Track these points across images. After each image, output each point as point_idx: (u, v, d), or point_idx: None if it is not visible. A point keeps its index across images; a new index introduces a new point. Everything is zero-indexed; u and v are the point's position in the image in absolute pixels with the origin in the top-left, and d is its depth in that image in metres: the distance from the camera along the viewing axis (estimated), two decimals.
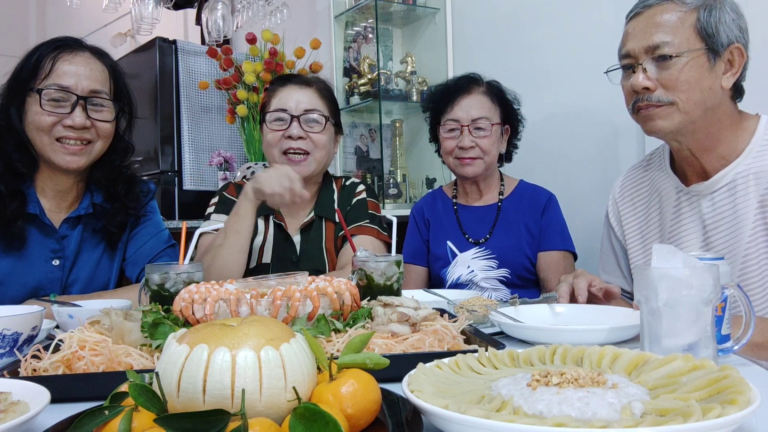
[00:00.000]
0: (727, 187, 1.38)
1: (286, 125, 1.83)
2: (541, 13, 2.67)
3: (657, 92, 1.34)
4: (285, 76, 1.97)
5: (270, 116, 1.85)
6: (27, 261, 1.58)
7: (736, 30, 1.33)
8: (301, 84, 1.88)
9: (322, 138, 1.85)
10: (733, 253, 1.35)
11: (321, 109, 1.86)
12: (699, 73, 1.32)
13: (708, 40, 1.32)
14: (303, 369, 0.62)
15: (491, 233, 2.05)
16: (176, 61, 3.46)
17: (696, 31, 1.32)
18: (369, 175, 3.30)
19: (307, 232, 1.89)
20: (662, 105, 1.35)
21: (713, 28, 1.31)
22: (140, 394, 0.58)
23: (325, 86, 1.93)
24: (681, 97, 1.33)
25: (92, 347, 0.91)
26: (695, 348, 0.85)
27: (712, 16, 1.31)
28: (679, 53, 1.31)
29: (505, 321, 1.18)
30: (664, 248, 0.92)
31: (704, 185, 1.41)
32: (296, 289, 1.01)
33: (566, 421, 0.56)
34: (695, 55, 1.32)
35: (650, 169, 1.59)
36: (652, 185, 1.56)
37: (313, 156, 1.84)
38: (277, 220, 1.88)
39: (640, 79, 1.34)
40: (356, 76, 3.29)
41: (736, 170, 1.37)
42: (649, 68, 1.34)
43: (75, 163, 1.57)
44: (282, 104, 1.84)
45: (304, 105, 1.84)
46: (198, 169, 3.52)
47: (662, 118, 1.36)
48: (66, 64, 1.55)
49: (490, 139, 2.00)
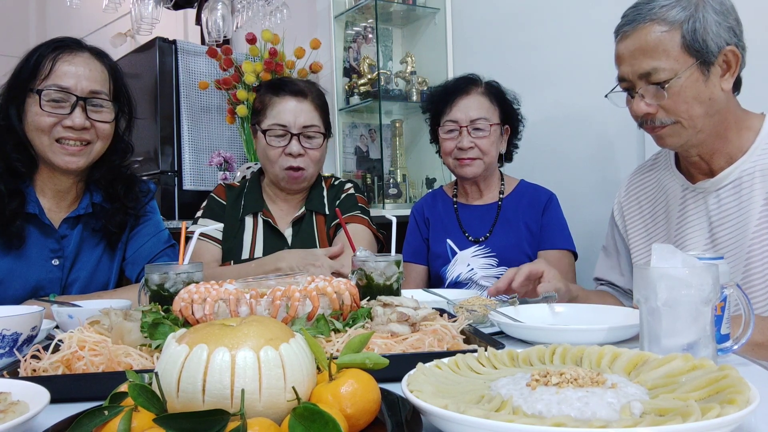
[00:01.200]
0: (732, 184, 1.38)
1: (285, 141, 1.87)
2: (541, 13, 2.66)
3: (659, 115, 1.35)
4: (279, 83, 1.97)
5: (270, 132, 1.88)
6: (27, 261, 1.58)
7: (724, 33, 1.31)
8: (297, 95, 1.90)
9: (318, 154, 1.92)
10: (738, 249, 1.36)
11: (318, 123, 1.91)
12: (696, 89, 1.31)
13: (697, 54, 1.30)
14: (302, 369, 0.62)
15: (491, 232, 2.05)
16: (176, 61, 3.46)
17: (684, 49, 1.30)
18: (369, 175, 3.30)
19: (297, 225, 1.95)
20: (667, 126, 1.35)
21: (700, 42, 1.29)
22: (140, 394, 0.58)
23: (319, 94, 1.96)
24: (683, 115, 1.33)
25: (92, 347, 0.91)
26: (694, 348, 0.85)
27: (696, 29, 1.29)
28: (672, 76, 1.30)
29: (504, 321, 1.18)
30: (663, 248, 0.92)
31: (710, 182, 1.41)
32: (296, 289, 1.01)
33: (565, 420, 0.56)
34: (689, 73, 1.30)
35: (656, 169, 1.60)
36: (659, 185, 1.57)
37: (308, 171, 1.91)
38: (266, 217, 1.94)
39: (641, 107, 1.35)
40: (356, 76, 3.29)
41: (741, 168, 1.38)
42: (646, 94, 1.34)
43: (74, 164, 1.57)
44: (280, 119, 1.87)
45: (302, 120, 1.88)
46: (198, 169, 3.52)
47: (671, 136, 1.37)
48: (66, 64, 1.55)
49: (489, 140, 2.00)
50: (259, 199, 1.99)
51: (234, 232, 1.94)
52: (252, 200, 1.98)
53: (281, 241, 1.92)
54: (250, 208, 1.96)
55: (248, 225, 1.95)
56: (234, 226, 1.95)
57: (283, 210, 1.99)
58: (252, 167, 3.08)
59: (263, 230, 1.94)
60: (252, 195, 1.99)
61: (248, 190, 2.01)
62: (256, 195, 2.00)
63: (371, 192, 3.23)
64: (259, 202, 1.98)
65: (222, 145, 3.57)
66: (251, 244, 1.92)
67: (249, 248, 1.91)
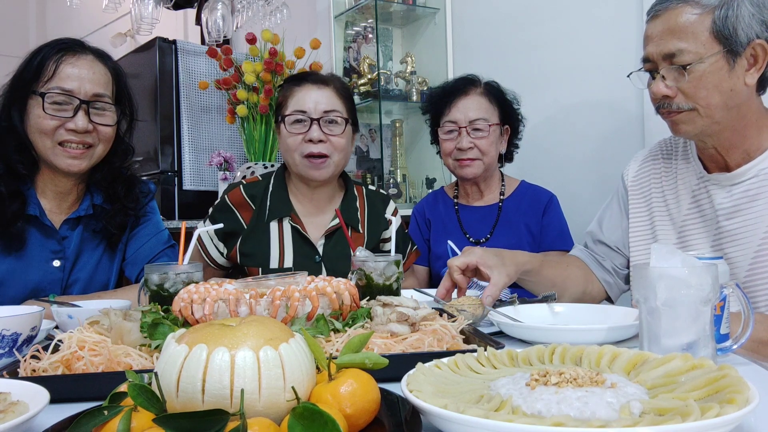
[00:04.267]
0: (748, 181, 1.37)
1: (305, 128, 1.77)
2: (541, 13, 2.67)
3: (677, 99, 1.34)
4: (300, 75, 1.91)
5: (288, 119, 1.79)
6: (27, 262, 1.58)
7: (756, 25, 1.29)
8: (318, 83, 1.82)
9: (342, 141, 1.80)
10: (745, 245, 1.34)
11: (340, 109, 1.80)
12: (718, 77, 1.30)
13: (725, 42, 1.28)
14: (302, 369, 0.62)
15: (492, 233, 2.06)
16: (176, 61, 3.46)
17: (713, 35, 1.28)
18: (369, 175, 3.30)
19: (330, 237, 1.83)
20: (683, 111, 1.34)
21: (731, 29, 1.27)
22: (139, 394, 0.58)
23: (342, 84, 1.87)
24: (701, 102, 1.32)
25: (91, 347, 0.91)
26: (694, 347, 0.85)
27: (728, 16, 1.27)
28: (696, 60, 1.29)
29: (504, 321, 1.18)
30: (663, 248, 0.92)
31: (725, 176, 1.40)
32: (295, 289, 1.01)
33: (565, 420, 0.56)
34: (713, 59, 1.29)
35: (672, 158, 1.56)
36: (673, 173, 1.54)
37: (332, 159, 1.79)
38: (294, 223, 1.81)
39: (660, 88, 1.34)
40: (356, 76, 3.29)
41: (759, 166, 1.36)
42: (667, 76, 1.33)
43: (76, 167, 1.57)
44: (300, 105, 1.78)
45: (323, 106, 1.78)
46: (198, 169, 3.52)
47: (685, 123, 1.36)
48: (69, 66, 1.54)
49: (488, 140, 2.00)
50: (286, 200, 1.83)
51: (259, 236, 1.80)
52: (278, 201, 1.83)
53: (312, 250, 1.81)
54: (276, 212, 1.80)
55: (273, 230, 1.81)
56: (258, 227, 1.81)
57: (313, 214, 1.86)
58: (252, 167, 3.08)
59: (292, 237, 1.81)
60: (278, 195, 1.84)
61: (274, 188, 1.86)
62: (283, 195, 1.84)
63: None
64: (286, 205, 1.82)
65: (222, 145, 3.57)
66: (279, 251, 1.79)
67: (278, 256, 1.79)
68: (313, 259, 1.80)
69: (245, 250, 1.81)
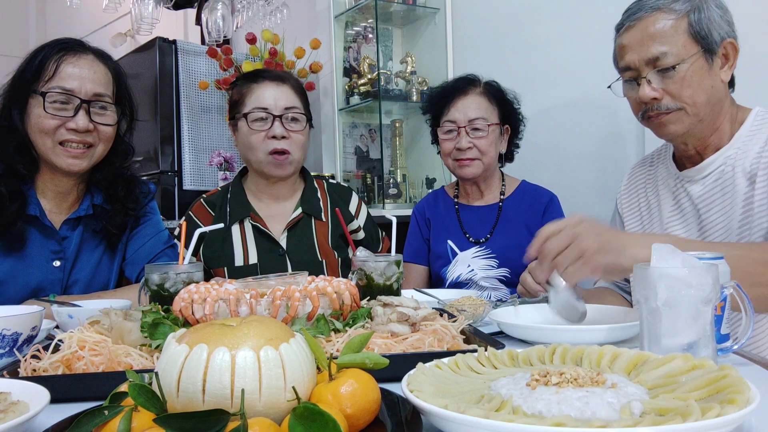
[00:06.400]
0: (718, 170, 1.43)
1: (267, 125, 1.80)
2: (541, 13, 2.67)
3: (664, 100, 1.40)
4: (255, 72, 1.93)
5: (251, 116, 1.81)
6: (27, 262, 1.58)
7: (725, 25, 1.38)
8: (276, 80, 1.85)
9: (302, 137, 1.85)
10: (727, 233, 1.39)
11: (299, 106, 1.85)
12: (700, 75, 1.37)
13: (703, 42, 1.36)
14: (302, 369, 0.62)
15: (492, 233, 2.05)
16: (176, 61, 3.46)
17: (690, 36, 1.36)
18: (369, 175, 3.30)
19: (293, 229, 1.87)
20: (671, 111, 1.40)
21: (705, 30, 1.36)
22: (140, 394, 0.58)
23: (297, 82, 1.92)
24: (687, 101, 1.38)
25: (92, 347, 0.91)
26: (694, 347, 0.85)
27: (702, 18, 1.36)
28: (679, 62, 1.36)
29: (504, 321, 1.18)
30: (663, 248, 0.92)
31: (696, 169, 1.46)
32: (296, 289, 1.01)
33: (565, 420, 0.56)
34: (694, 59, 1.36)
35: (654, 164, 1.65)
36: (654, 178, 1.61)
37: (294, 156, 1.84)
38: (254, 222, 1.85)
39: (647, 92, 1.39)
40: (356, 76, 3.29)
41: (726, 154, 1.43)
42: (653, 79, 1.39)
43: (77, 166, 1.57)
44: (260, 102, 1.81)
45: (283, 102, 1.82)
46: (198, 169, 3.52)
47: (673, 123, 1.41)
48: (70, 66, 1.54)
49: (487, 140, 2.00)
50: (244, 202, 1.88)
51: (221, 239, 1.83)
52: (236, 205, 1.87)
53: (275, 245, 1.84)
54: (236, 215, 1.85)
55: (235, 231, 1.84)
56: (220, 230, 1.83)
57: (273, 210, 1.90)
58: None
59: (254, 236, 1.84)
60: (237, 199, 1.89)
61: (232, 195, 1.91)
62: (241, 199, 1.89)
63: (371, 192, 3.23)
64: (245, 206, 1.87)
65: (222, 145, 3.57)
66: (243, 250, 1.82)
67: (242, 255, 1.82)
68: (276, 252, 1.84)
69: (208, 253, 1.84)
